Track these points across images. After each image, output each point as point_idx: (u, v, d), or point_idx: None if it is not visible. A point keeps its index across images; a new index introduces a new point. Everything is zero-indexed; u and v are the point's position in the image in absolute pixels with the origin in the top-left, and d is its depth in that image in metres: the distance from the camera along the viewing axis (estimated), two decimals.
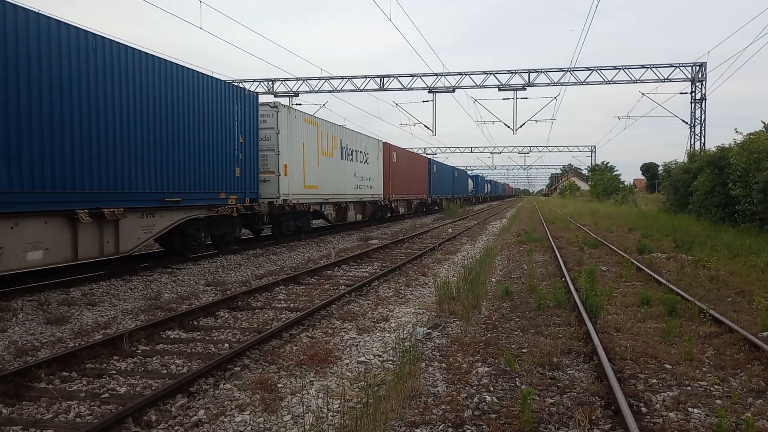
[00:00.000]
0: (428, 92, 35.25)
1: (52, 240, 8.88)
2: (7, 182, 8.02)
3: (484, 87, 34.26)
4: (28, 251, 8.51)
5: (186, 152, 12.00)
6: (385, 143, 28.22)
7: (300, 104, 38.23)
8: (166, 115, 11.40)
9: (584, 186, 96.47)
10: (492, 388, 5.26)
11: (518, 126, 36.50)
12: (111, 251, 10.11)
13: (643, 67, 31.90)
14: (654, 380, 5.48)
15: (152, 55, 11.06)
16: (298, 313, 8.12)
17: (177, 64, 11.83)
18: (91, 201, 9.52)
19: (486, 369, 5.78)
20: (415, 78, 34.74)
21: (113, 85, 10.00)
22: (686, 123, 32.73)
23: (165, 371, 5.78)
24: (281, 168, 16.19)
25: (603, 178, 69.13)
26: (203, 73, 12.71)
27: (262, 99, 15.56)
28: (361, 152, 23.90)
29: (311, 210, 19.01)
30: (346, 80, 35.64)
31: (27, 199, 8.39)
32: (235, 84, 14.43)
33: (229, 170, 13.59)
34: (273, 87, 36.92)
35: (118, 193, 10.11)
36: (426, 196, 37.75)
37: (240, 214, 14.45)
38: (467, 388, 5.27)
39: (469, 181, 62.30)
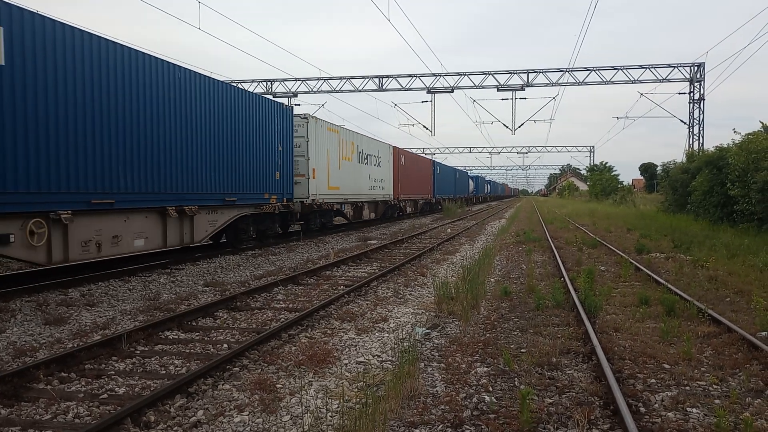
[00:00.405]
0: (427, 92, 35.27)
1: (150, 230, 11.18)
2: (124, 185, 10.33)
3: (483, 87, 34.28)
4: (134, 239, 10.77)
5: (240, 159, 14.17)
6: (394, 147, 30.14)
7: (299, 104, 38.32)
8: (228, 130, 13.58)
9: (583, 186, 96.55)
10: (491, 388, 5.26)
11: (517, 126, 36.53)
12: (188, 240, 12.36)
13: (641, 67, 31.94)
14: (653, 380, 5.48)
15: (221, 82, 13.36)
16: (296, 313, 8.12)
17: (236, 87, 14.09)
18: (177, 200, 11.75)
19: (485, 369, 5.79)
20: (414, 78, 34.76)
21: (191, 110, 12.15)
22: (685, 123, 32.78)
23: (164, 372, 5.77)
24: (310, 171, 18.31)
25: (601, 178, 69.18)
26: (254, 93, 15.04)
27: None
28: (374, 156, 26.02)
29: (334, 208, 21.24)
30: (344, 81, 35.65)
31: (135, 198, 10.63)
32: (277, 101, 16.64)
33: (271, 174, 15.76)
34: (272, 87, 36.92)
35: (194, 194, 12.30)
36: (430, 196, 39.55)
37: (279, 212, 16.57)
38: (466, 388, 5.27)
39: (470, 181, 64.28)
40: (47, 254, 9.00)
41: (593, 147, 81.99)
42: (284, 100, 35.22)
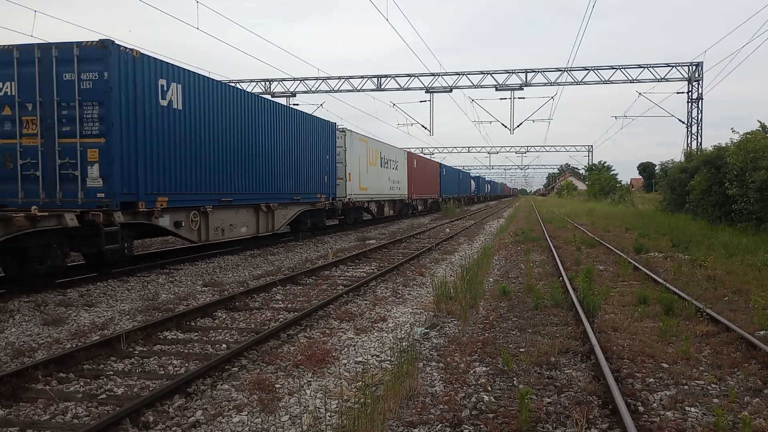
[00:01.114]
0: (425, 92, 35.25)
1: (250, 221, 15.25)
2: (236, 188, 14.09)
3: (482, 87, 34.29)
4: (241, 227, 14.75)
5: (303, 167, 17.97)
6: (408, 152, 34.23)
7: (297, 104, 38.22)
8: (295, 145, 17.49)
9: (581, 186, 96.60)
10: (490, 388, 5.26)
11: (515, 126, 36.50)
12: (271, 229, 16.35)
13: (639, 66, 31.96)
14: (651, 379, 5.49)
15: (290, 107, 17.80)
16: (295, 313, 8.12)
17: (301, 111, 18.30)
18: (265, 199, 15.70)
19: (483, 369, 5.79)
20: (413, 78, 34.75)
21: (273, 132, 16.01)
22: (683, 122, 32.80)
23: (162, 372, 5.77)
24: (347, 175, 22.06)
25: (600, 177, 69.21)
26: (314, 116, 19.24)
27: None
28: (393, 161, 29.75)
29: (364, 206, 25.77)
30: (343, 80, 35.64)
31: (242, 197, 14.50)
32: (327, 120, 20.25)
33: (322, 178, 19.56)
34: (270, 87, 36.90)
35: (275, 194, 16.20)
36: (438, 196, 43.31)
37: (327, 208, 20.38)
38: (465, 387, 5.27)
39: (472, 182, 68.63)
40: (198, 235, 12.84)
41: (592, 146, 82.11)
42: (283, 100, 35.22)
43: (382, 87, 35.15)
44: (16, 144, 10.19)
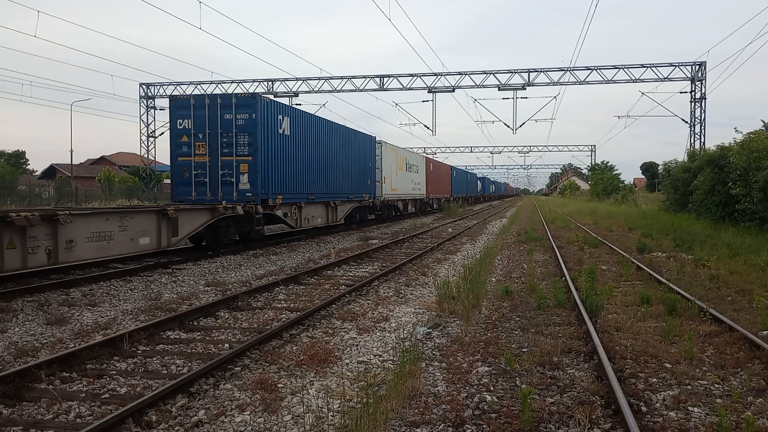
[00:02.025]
0: (428, 92, 35.27)
1: (323, 214, 19.96)
2: (317, 189, 18.89)
3: (484, 87, 34.28)
4: (318, 218, 19.47)
5: (354, 172, 22.90)
6: (426, 157, 39.30)
7: (300, 104, 38.23)
8: (350, 155, 22.19)
9: (584, 185, 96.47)
10: (492, 388, 5.26)
11: (518, 125, 36.56)
12: (334, 221, 21.04)
13: (642, 66, 31.91)
14: (654, 379, 5.48)
15: (345, 126, 22.16)
16: (298, 313, 8.12)
17: (351, 129, 22.89)
18: (333, 197, 20.59)
19: (486, 368, 5.79)
20: (415, 78, 34.75)
21: (335, 146, 20.66)
22: (686, 122, 32.74)
23: (165, 371, 5.78)
24: (382, 178, 26.99)
25: (603, 177, 69.07)
26: (360, 132, 23.99)
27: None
28: (414, 165, 34.63)
29: (394, 204, 30.68)
30: (345, 80, 35.65)
31: (320, 196, 19.32)
32: (369, 135, 25.23)
33: (366, 181, 24.48)
34: (273, 87, 36.92)
35: (338, 193, 21.04)
36: (449, 195, 47.93)
37: (370, 205, 25.64)
38: (467, 387, 5.27)
39: (478, 182, 74.43)
40: (295, 223, 17.82)
41: (594, 146, 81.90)
42: (285, 100, 35.25)
43: (385, 87, 35.16)
44: (190, 160, 15.48)
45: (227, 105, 15.15)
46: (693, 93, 32.23)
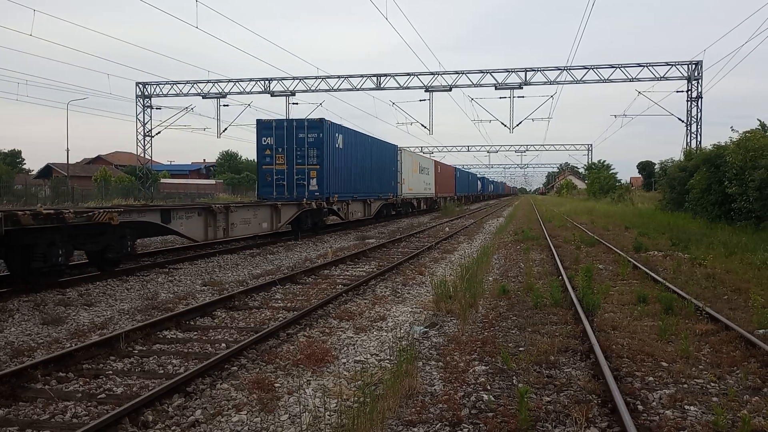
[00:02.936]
0: (425, 91, 35.27)
1: (361, 209, 24.62)
2: (360, 189, 23.84)
3: (481, 86, 34.31)
4: (357, 213, 24.06)
5: (382, 175, 27.48)
6: (435, 161, 44.28)
7: (297, 103, 38.22)
8: (379, 161, 26.74)
9: (581, 184, 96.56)
10: (489, 387, 5.26)
11: (515, 125, 36.50)
12: (369, 215, 25.73)
13: (639, 65, 31.97)
14: (650, 378, 5.49)
15: (374, 138, 26.73)
16: (295, 312, 8.12)
17: (380, 140, 27.62)
18: (368, 196, 25.01)
19: (483, 367, 5.79)
20: (412, 77, 34.75)
21: (369, 155, 24.98)
22: (682, 121, 32.80)
23: (162, 371, 5.77)
24: (401, 180, 31.16)
25: (599, 176, 69.12)
26: (385, 141, 28.54)
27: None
28: (425, 168, 39.08)
29: (410, 202, 34.79)
30: (342, 79, 35.63)
31: (360, 194, 23.88)
32: (393, 144, 30.21)
33: (390, 182, 29.04)
34: (270, 86, 36.88)
35: (372, 193, 25.64)
36: (453, 194, 52.47)
37: (394, 203, 30.23)
38: (464, 386, 5.27)
39: (478, 182, 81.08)
40: (345, 216, 22.51)
41: (591, 145, 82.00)
42: (282, 99, 35.27)
43: (382, 86, 35.16)
44: (272, 168, 20.19)
45: (301, 127, 20.04)
46: (689, 92, 32.31)
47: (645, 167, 75.05)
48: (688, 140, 32.51)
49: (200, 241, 13.47)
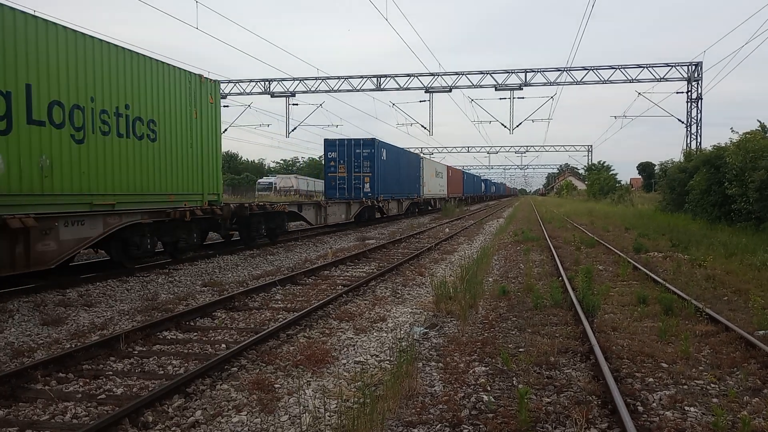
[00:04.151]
0: (425, 92, 35.24)
1: (395, 207, 31.08)
2: (394, 191, 30.00)
3: (481, 87, 34.28)
4: (394, 209, 30.71)
5: (411, 179, 33.91)
6: (447, 166, 51.25)
7: (296, 104, 38.24)
8: (407, 166, 32.86)
9: (581, 185, 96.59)
10: (489, 388, 5.26)
11: (515, 126, 36.51)
12: (401, 212, 32.33)
13: (639, 66, 31.96)
14: (651, 379, 5.49)
15: (404, 149, 33.38)
16: (295, 313, 8.11)
17: (409, 151, 34.97)
18: (401, 196, 31.81)
19: (483, 368, 5.79)
20: (412, 78, 34.75)
21: (399, 162, 30.92)
22: (682, 122, 32.79)
23: (162, 372, 5.77)
24: (423, 182, 37.28)
25: (599, 177, 69.18)
26: (412, 152, 35.96)
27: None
28: (440, 172, 45.54)
29: (430, 201, 41.43)
30: (342, 80, 35.63)
31: (396, 195, 30.43)
32: (416, 153, 37.46)
33: (415, 185, 35.09)
34: (270, 87, 36.87)
35: (403, 194, 32.14)
36: (462, 194, 58.84)
37: (418, 202, 36.27)
38: (464, 387, 5.27)
39: (482, 183, 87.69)
40: (386, 211, 29.31)
41: (591, 146, 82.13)
42: (282, 100, 35.29)
43: (382, 87, 35.15)
44: (336, 175, 26.50)
45: (357, 144, 26.65)
46: (689, 93, 32.29)
47: (645, 168, 75.05)
48: (688, 141, 32.50)
49: (314, 224, 20.53)
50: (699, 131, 32.33)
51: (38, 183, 8.96)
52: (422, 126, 38.99)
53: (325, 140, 27.03)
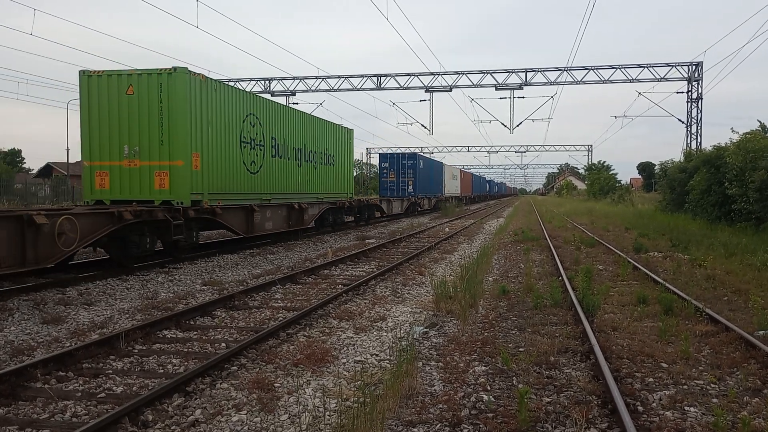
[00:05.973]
0: (425, 91, 35.24)
1: (427, 203, 42.18)
2: (431, 191, 42.53)
3: (481, 86, 34.28)
4: (424, 205, 40.83)
5: (435, 181, 43.99)
6: (460, 169, 61.28)
7: (297, 104, 38.22)
8: (433, 172, 43.24)
9: (581, 185, 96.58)
10: (489, 387, 5.26)
11: (515, 125, 36.53)
12: (430, 207, 43.21)
13: (639, 66, 31.94)
14: (650, 379, 5.49)
15: (432, 159, 47.60)
16: (295, 312, 8.11)
17: (434, 159, 48.82)
18: (430, 195, 42.47)
19: (483, 368, 5.79)
20: (413, 77, 34.74)
21: (430, 171, 42.32)
22: (682, 122, 32.79)
23: (162, 371, 5.77)
24: (444, 184, 46.80)
25: (599, 177, 69.16)
26: (436, 160, 48.79)
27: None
28: (455, 175, 55.02)
29: (448, 199, 48.18)
30: (343, 79, 35.62)
31: (429, 194, 42.05)
32: (440, 161, 49.27)
33: (440, 186, 45.69)
34: (270, 86, 36.86)
35: (432, 193, 42.84)
36: (471, 194, 67.18)
37: (440, 200, 45.51)
38: (464, 387, 5.27)
39: (486, 184, 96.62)
40: (421, 206, 39.73)
41: (591, 146, 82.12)
42: (282, 99, 35.25)
43: (382, 86, 35.14)
44: (387, 180, 36.91)
45: (403, 157, 36.83)
46: (690, 93, 32.28)
47: (645, 168, 75.09)
48: (688, 141, 32.50)
49: (386, 214, 30.12)
50: (699, 131, 32.33)
51: (293, 187, 18.24)
52: (422, 125, 39.11)
53: (380, 154, 41.12)
